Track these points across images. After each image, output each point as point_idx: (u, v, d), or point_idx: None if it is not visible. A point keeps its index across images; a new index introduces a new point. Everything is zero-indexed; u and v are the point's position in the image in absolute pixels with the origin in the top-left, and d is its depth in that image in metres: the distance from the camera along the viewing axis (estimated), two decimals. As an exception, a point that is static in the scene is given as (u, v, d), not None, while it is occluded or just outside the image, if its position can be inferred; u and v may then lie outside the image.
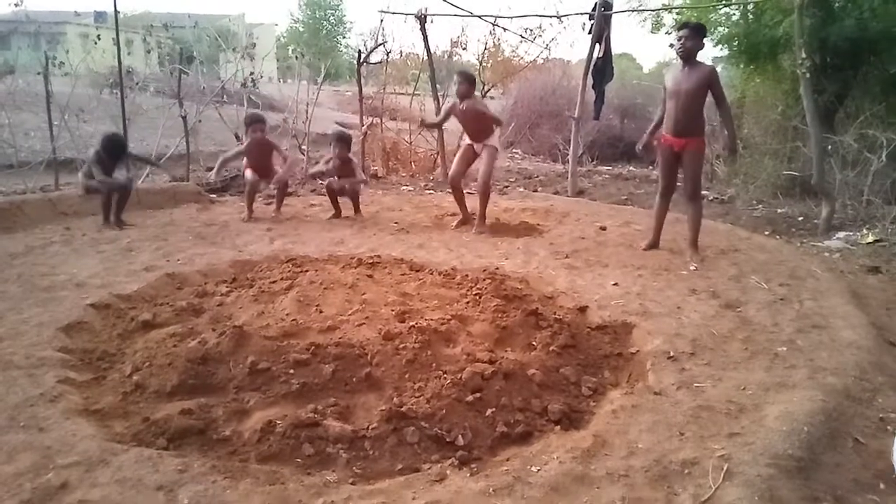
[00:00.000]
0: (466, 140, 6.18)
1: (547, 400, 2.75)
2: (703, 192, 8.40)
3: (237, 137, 8.32)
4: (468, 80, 5.88)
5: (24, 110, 7.81)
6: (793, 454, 2.29)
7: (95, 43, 8.47)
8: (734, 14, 9.80)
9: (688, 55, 4.73)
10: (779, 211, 7.56)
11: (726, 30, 9.72)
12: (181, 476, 2.14)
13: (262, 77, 9.27)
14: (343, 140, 6.53)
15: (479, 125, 5.96)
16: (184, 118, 7.77)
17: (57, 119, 7.16)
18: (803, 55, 6.34)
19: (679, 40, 4.75)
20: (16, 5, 7.11)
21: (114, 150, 5.82)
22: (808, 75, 6.40)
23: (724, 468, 2.21)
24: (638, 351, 3.36)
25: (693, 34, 4.72)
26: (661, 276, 4.59)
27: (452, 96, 6.11)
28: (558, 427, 2.59)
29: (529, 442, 2.50)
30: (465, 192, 6.35)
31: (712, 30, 9.73)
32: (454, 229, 6.12)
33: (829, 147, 7.29)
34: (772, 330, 3.61)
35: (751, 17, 9.25)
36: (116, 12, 7.13)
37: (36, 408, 2.55)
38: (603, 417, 2.65)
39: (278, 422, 2.46)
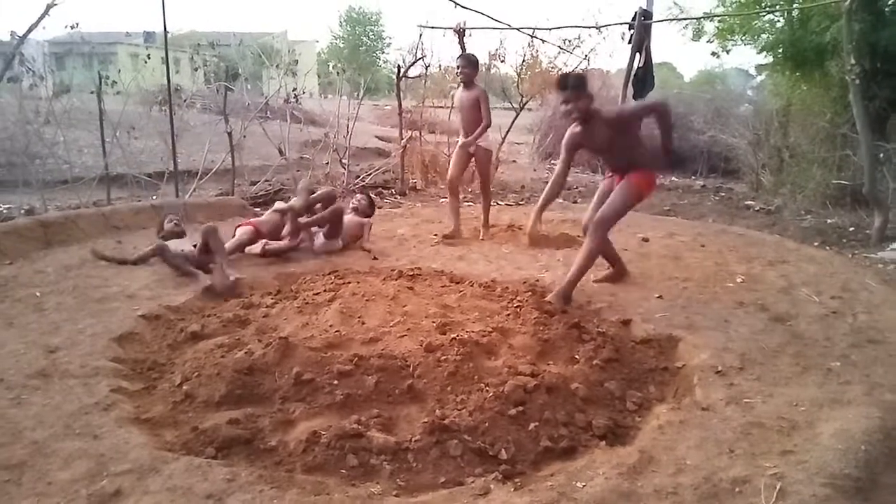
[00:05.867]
0: (461, 138, 6.09)
1: (591, 414, 2.72)
2: (749, 203, 8.26)
3: (280, 152, 8.49)
4: (471, 64, 5.89)
5: (78, 128, 8.08)
6: (850, 474, 2.20)
7: (145, 62, 8.77)
8: (778, 21, 9.60)
9: None
10: (828, 221, 7.34)
11: (770, 37, 9.52)
12: (229, 485, 2.17)
13: (304, 93, 9.41)
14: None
15: (473, 116, 5.89)
16: (229, 134, 7.96)
17: (109, 136, 7.40)
18: (852, 61, 6.18)
19: None
20: (71, 28, 7.39)
21: None
22: (857, 81, 6.24)
23: (777, 487, 2.14)
24: (684, 365, 3.29)
25: None
26: (707, 289, 4.50)
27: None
28: (603, 442, 2.55)
29: (574, 457, 2.46)
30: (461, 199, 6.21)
31: (756, 37, 9.55)
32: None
33: (881, 155, 7.06)
34: (824, 344, 3.50)
35: (796, 23, 9.05)
36: (166, 32, 7.37)
37: (90, 416, 2.63)
38: (649, 433, 2.60)
39: (323, 432, 2.48)
